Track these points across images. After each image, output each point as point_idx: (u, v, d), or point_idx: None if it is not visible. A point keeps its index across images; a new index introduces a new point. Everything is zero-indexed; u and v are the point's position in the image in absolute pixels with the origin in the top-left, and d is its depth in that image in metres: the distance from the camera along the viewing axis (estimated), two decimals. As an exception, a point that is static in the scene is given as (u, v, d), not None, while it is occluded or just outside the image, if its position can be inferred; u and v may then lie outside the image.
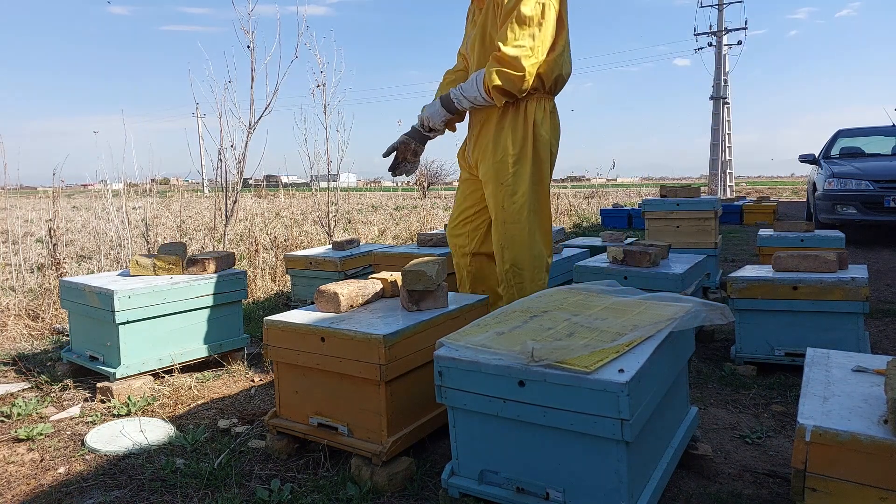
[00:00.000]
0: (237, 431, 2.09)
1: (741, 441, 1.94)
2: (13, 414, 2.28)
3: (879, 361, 1.43)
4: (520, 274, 2.29)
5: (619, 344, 1.41)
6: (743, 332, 2.55)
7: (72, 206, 10.65)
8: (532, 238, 2.28)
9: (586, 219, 11.31)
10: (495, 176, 2.28)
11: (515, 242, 2.27)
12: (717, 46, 19.45)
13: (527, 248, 2.28)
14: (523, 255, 2.28)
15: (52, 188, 4.74)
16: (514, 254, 2.28)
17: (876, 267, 5.09)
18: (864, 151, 7.87)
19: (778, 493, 1.62)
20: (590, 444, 1.31)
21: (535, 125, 2.25)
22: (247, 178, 5.78)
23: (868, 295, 2.33)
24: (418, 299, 1.89)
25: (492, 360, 1.40)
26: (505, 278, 2.33)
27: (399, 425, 1.74)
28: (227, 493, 1.66)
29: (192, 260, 2.77)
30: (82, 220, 8.51)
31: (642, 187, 23.04)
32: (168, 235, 6.24)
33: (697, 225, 4.19)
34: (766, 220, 9.72)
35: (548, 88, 2.25)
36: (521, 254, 2.28)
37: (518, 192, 2.25)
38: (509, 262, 2.30)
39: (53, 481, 1.79)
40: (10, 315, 3.63)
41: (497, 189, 2.28)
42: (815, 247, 3.62)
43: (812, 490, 1.13)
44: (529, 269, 2.29)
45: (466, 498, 1.48)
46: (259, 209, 10.18)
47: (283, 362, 1.88)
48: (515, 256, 2.28)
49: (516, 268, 2.29)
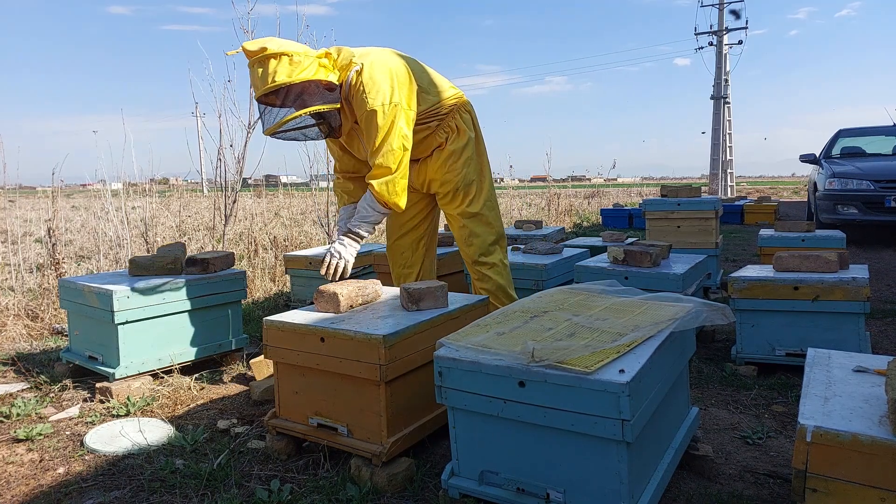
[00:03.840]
0: (237, 432, 2.08)
1: (742, 441, 1.93)
2: (12, 414, 2.27)
3: (880, 362, 1.43)
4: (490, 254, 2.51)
5: (620, 344, 1.41)
6: (744, 333, 2.54)
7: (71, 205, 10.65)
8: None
9: (587, 219, 11.31)
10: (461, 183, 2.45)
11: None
12: (717, 46, 19.44)
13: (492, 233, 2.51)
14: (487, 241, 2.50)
15: (52, 188, 4.74)
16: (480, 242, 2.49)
17: (877, 267, 5.09)
18: (864, 151, 7.86)
19: (779, 494, 1.62)
20: (590, 445, 1.30)
21: (469, 131, 2.45)
22: (246, 177, 5.78)
23: (869, 295, 2.33)
24: (418, 299, 1.89)
25: (492, 361, 1.40)
26: (474, 268, 2.53)
27: (399, 426, 1.73)
28: (226, 494, 1.66)
29: (191, 260, 2.76)
30: (81, 219, 8.50)
31: (643, 187, 23.02)
32: (167, 235, 6.23)
33: (698, 225, 4.18)
34: (767, 219, 9.71)
35: (437, 110, 2.36)
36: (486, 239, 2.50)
37: (484, 189, 2.50)
38: (478, 252, 2.49)
39: (53, 481, 1.79)
40: (9, 315, 3.63)
41: (463, 193, 2.46)
42: (815, 247, 3.62)
43: (813, 490, 1.12)
44: (499, 251, 2.53)
45: (466, 499, 1.48)
46: (258, 209, 10.17)
47: (282, 362, 1.87)
48: (482, 244, 2.49)
49: (483, 256, 2.50)
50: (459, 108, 2.43)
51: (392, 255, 2.65)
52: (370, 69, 2.14)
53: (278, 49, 2.03)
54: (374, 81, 2.13)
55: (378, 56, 2.20)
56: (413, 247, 2.62)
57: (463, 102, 2.46)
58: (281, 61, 2.04)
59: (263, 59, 2.04)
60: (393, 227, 2.63)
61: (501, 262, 2.52)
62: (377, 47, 2.29)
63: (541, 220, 5.28)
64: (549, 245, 3.40)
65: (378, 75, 2.14)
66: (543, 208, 11.61)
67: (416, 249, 2.62)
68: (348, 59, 2.17)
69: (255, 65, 2.06)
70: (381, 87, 2.13)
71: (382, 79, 2.15)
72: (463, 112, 2.45)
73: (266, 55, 2.03)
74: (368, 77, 2.13)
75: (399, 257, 2.63)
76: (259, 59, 2.04)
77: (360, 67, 2.14)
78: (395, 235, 2.62)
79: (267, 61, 2.03)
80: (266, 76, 2.03)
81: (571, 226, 10.05)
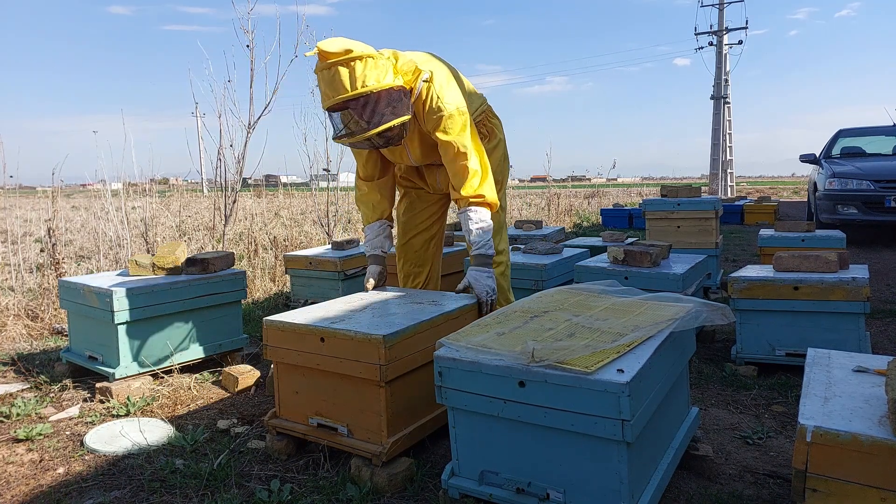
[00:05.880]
0: (237, 432, 2.08)
1: (742, 441, 1.93)
2: (12, 414, 2.27)
3: (880, 362, 1.43)
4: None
5: (620, 344, 1.41)
6: (744, 333, 2.54)
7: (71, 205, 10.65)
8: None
9: (587, 219, 11.31)
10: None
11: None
12: (717, 46, 19.43)
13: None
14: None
15: (52, 188, 4.74)
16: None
17: (877, 267, 5.08)
18: (864, 151, 7.85)
19: (779, 494, 1.62)
20: (590, 445, 1.30)
21: (500, 134, 2.51)
22: (246, 177, 5.78)
23: (869, 295, 2.33)
24: None
25: (492, 361, 1.40)
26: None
27: (399, 426, 1.73)
28: (226, 494, 1.66)
29: (191, 260, 2.76)
30: (81, 219, 8.50)
31: (643, 187, 23.02)
32: (167, 235, 6.24)
33: (698, 225, 4.18)
34: (767, 219, 9.71)
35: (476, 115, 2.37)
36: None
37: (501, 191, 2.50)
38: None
39: (52, 481, 1.79)
40: (9, 315, 3.63)
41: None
42: (815, 247, 3.62)
43: (813, 490, 1.12)
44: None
45: (466, 499, 1.47)
46: (258, 209, 10.17)
47: (282, 362, 1.87)
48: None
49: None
50: (488, 112, 2.46)
51: (404, 254, 2.63)
52: (439, 77, 2.11)
53: (364, 51, 1.89)
54: (446, 89, 2.11)
55: (436, 63, 2.18)
56: (425, 246, 2.62)
57: (489, 107, 2.48)
58: (367, 64, 1.90)
59: (347, 61, 1.87)
60: (408, 227, 2.61)
61: (504, 262, 2.53)
62: (415, 52, 2.23)
63: (541, 220, 5.28)
64: (549, 245, 3.40)
65: (447, 83, 2.13)
66: (543, 208, 11.61)
67: (427, 248, 2.62)
68: (412, 65, 2.09)
69: (336, 67, 1.88)
70: (454, 94, 2.12)
71: (451, 86, 2.14)
72: (492, 116, 2.49)
73: (351, 57, 1.87)
74: (440, 85, 2.10)
75: (412, 255, 2.62)
76: (343, 61, 1.87)
77: (430, 75, 2.08)
78: (410, 234, 2.61)
79: (352, 63, 1.88)
80: (354, 80, 1.88)
81: (571, 226, 10.05)
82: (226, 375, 2.56)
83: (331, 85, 1.90)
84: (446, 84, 2.13)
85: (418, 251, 2.61)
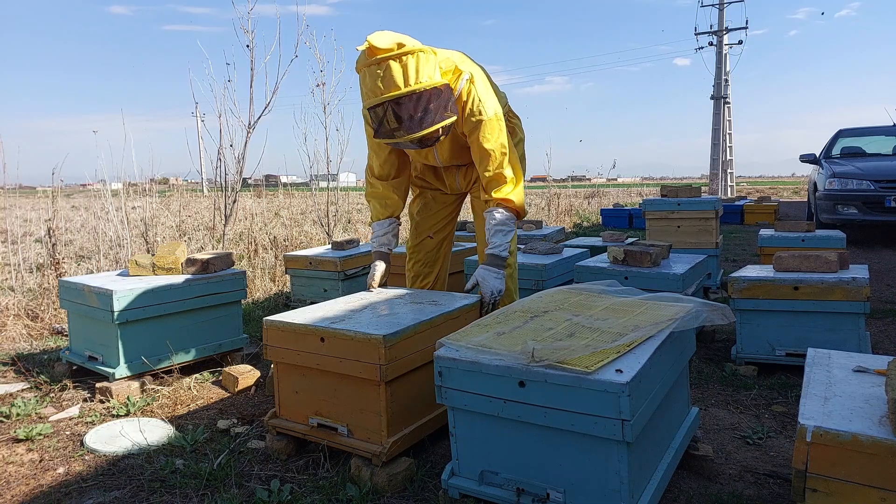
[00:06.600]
0: (237, 432, 2.08)
1: (742, 441, 1.93)
2: (12, 414, 2.27)
3: (880, 362, 1.43)
4: None
5: (620, 344, 1.41)
6: (744, 333, 2.54)
7: (71, 205, 10.64)
8: None
9: (587, 219, 11.31)
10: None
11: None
12: (717, 46, 19.43)
13: None
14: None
15: (52, 188, 4.74)
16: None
17: (877, 267, 5.08)
18: (864, 151, 7.85)
19: (779, 494, 1.62)
20: (590, 445, 1.30)
21: (521, 133, 2.51)
22: (246, 177, 5.78)
23: (869, 295, 2.33)
24: None
25: (492, 361, 1.40)
26: None
27: (399, 426, 1.73)
28: (226, 494, 1.66)
29: (191, 260, 2.76)
30: (81, 219, 8.50)
31: (643, 187, 23.00)
32: (167, 235, 6.23)
33: (698, 225, 4.18)
34: (767, 219, 9.71)
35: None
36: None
37: None
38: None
39: (52, 481, 1.79)
40: (9, 315, 3.63)
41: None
42: (816, 247, 3.62)
43: (813, 490, 1.12)
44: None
45: (466, 499, 1.48)
46: (258, 209, 10.17)
47: (282, 362, 1.87)
48: None
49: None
50: (510, 111, 2.46)
51: (416, 254, 2.61)
52: (479, 80, 2.10)
53: (415, 46, 1.82)
54: (487, 93, 2.09)
55: (472, 64, 2.17)
56: (437, 246, 2.61)
57: (509, 106, 2.48)
58: (420, 60, 1.83)
59: (399, 56, 1.80)
60: (423, 227, 2.59)
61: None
62: (448, 50, 2.18)
63: (541, 220, 5.28)
64: (549, 245, 3.40)
65: (485, 87, 2.11)
66: (543, 208, 11.61)
67: (440, 249, 2.62)
68: (451, 63, 2.04)
69: (387, 62, 1.80)
70: (493, 99, 2.12)
71: (490, 90, 2.13)
72: (513, 116, 2.49)
73: (404, 52, 1.80)
74: (482, 87, 2.08)
75: (424, 256, 2.61)
76: (395, 55, 1.80)
77: (471, 76, 2.06)
78: (424, 234, 2.60)
79: (404, 59, 1.80)
80: (407, 77, 1.80)
81: (571, 226, 10.05)
82: (226, 375, 2.56)
83: (382, 81, 1.81)
84: (486, 88, 2.11)
85: (430, 252, 2.60)
